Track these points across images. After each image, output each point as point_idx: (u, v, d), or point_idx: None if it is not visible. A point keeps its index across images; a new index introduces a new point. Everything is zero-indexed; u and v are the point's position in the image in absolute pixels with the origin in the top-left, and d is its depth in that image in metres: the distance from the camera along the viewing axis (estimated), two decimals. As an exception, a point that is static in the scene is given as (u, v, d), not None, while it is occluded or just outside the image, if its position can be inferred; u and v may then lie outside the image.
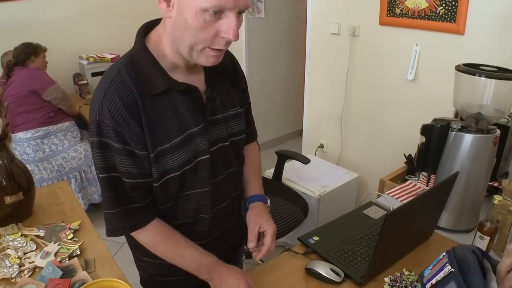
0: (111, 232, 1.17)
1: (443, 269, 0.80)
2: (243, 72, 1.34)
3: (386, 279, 0.94)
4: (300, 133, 4.87)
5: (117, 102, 1.02)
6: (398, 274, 0.94)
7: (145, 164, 1.08)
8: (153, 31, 1.10)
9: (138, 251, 1.33)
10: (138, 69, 1.06)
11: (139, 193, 1.12)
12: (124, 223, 1.14)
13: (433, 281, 0.80)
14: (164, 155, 1.09)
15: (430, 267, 0.84)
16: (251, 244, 1.24)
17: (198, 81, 1.15)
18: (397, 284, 0.91)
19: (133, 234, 1.18)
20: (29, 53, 3.17)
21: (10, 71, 3.13)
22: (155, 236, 1.17)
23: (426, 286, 0.81)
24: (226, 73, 1.25)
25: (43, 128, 3.18)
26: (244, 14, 1.02)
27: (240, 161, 1.36)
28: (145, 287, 1.42)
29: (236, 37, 0.97)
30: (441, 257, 0.83)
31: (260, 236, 1.28)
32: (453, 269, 0.78)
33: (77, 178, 3.28)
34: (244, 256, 2.61)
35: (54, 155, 3.21)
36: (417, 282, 0.92)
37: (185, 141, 1.11)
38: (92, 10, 4.02)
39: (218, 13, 0.94)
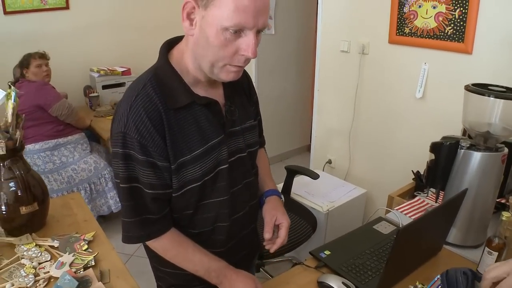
0: (127, 239, 1.20)
1: None
2: (254, 86, 1.40)
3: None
4: (307, 148, 4.90)
5: (143, 115, 1.06)
6: (411, 287, 0.96)
7: (166, 176, 1.12)
8: (176, 48, 1.15)
9: (158, 261, 1.35)
10: (162, 84, 1.10)
11: (158, 204, 1.16)
12: (141, 232, 1.17)
13: None
14: (185, 166, 1.13)
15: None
16: (267, 235, 1.29)
17: (218, 95, 1.19)
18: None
19: (149, 242, 1.22)
20: (18, 67, 3.20)
21: (16, 81, 3.17)
22: (166, 242, 1.20)
23: None
24: (242, 88, 1.30)
25: (53, 140, 3.21)
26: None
27: (255, 171, 1.40)
28: None
29: (255, 54, 1.02)
30: (435, 280, 0.86)
31: (275, 229, 1.32)
32: None
33: (87, 189, 3.29)
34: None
35: (64, 166, 3.23)
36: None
37: (207, 152, 1.15)
38: (103, 23, 4.06)
39: (238, 32, 0.99)
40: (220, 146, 1.18)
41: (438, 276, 0.86)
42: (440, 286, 0.83)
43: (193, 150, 1.13)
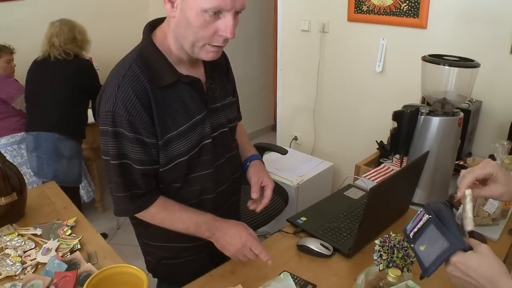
0: (118, 212, 1.26)
1: (422, 219, 0.93)
2: (231, 66, 1.46)
3: (377, 241, 1.05)
4: (272, 127, 4.96)
5: (131, 94, 1.11)
6: (387, 236, 1.06)
7: (153, 152, 1.17)
8: (158, 29, 1.20)
9: (146, 237, 1.41)
10: (148, 63, 1.15)
11: (146, 179, 1.21)
12: (131, 205, 1.23)
13: (415, 229, 0.93)
14: (172, 142, 1.18)
15: (411, 222, 0.96)
16: (254, 194, 1.35)
17: (199, 74, 1.25)
18: (387, 244, 1.03)
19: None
20: None
21: None
22: (152, 210, 1.25)
23: (410, 235, 0.93)
24: (220, 67, 1.36)
25: (18, 134, 3.13)
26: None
27: (236, 145, 1.47)
28: (154, 271, 1.49)
29: (233, 35, 1.09)
30: (419, 212, 0.96)
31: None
32: (430, 216, 0.91)
33: (57, 181, 3.25)
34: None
35: None
36: (403, 241, 1.04)
37: (191, 128, 1.21)
38: (60, 14, 3.94)
39: (217, 13, 1.05)
40: (204, 122, 1.24)
41: (421, 209, 0.95)
42: (426, 213, 0.92)
43: (179, 126, 1.19)
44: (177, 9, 1.08)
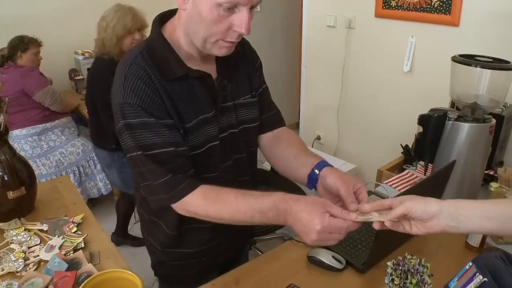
0: (156, 202, 1.14)
1: (473, 280, 0.79)
2: (255, 51, 1.36)
3: (389, 263, 0.96)
4: (296, 125, 4.88)
5: (139, 83, 1.05)
6: (401, 258, 0.96)
7: (176, 133, 1.09)
8: (169, 22, 1.14)
9: (150, 235, 1.36)
10: (155, 56, 1.09)
11: (181, 162, 1.10)
12: (169, 192, 1.09)
13: None
14: (185, 133, 1.12)
15: (456, 279, 0.83)
16: (353, 206, 1.03)
17: (210, 70, 1.17)
18: (400, 268, 0.94)
19: (182, 206, 1.11)
20: (15, 47, 3.11)
21: (1, 65, 3.10)
22: (201, 202, 1.09)
23: None
24: (239, 60, 1.25)
25: (40, 125, 3.18)
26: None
27: (251, 149, 1.34)
28: (155, 270, 1.45)
29: (248, 31, 1.01)
30: (467, 268, 0.82)
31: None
32: (485, 279, 0.77)
33: (76, 173, 3.28)
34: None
35: (52, 150, 3.22)
36: (419, 265, 0.94)
37: (198, 126, 1.13)
38: (88, 5, 4.01)
39: (232, 8, 0.98)
40: (211, 121, 1.16)
41: (470, 264, 0.81)
42: (478, 273, 0.78)
43: (185, 122, 1.12)
44: (189, 2, 1.01)
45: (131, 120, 1.05)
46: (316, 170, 1.17)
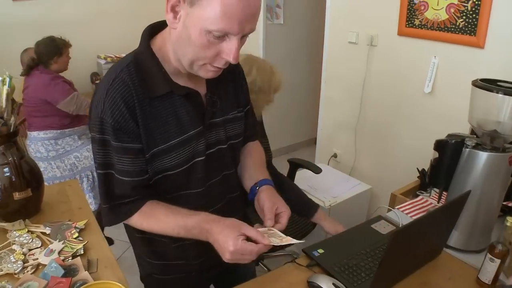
0: (106, 223, 1.21)
1: None
2: (242, 68, 1.37)
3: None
4: (314, 141, 4.85)
5: (118, 101, 1.05)
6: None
7: (142, 161, 1.11)
8: (159, 34, 1.13)
9: (137, 248, 1.39)
10: (141, 71, 1.09)
11: (130, 192, 1.15)
12: (113, 215, 1.18)
13: None
14: (159, 156, 1.12)
15: None
16: (269, 222, 1.17)
17: (200, 85, 1.17)
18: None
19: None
20: (52, 53, 3.09)
21: (29, 70, 3.06)
22: (137, 217, 1.18)
23: None
24: (228, 75, 1.25)
25: (58, 130, 3.18)
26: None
27: (236, 164, 1.38)
28: (144, 283, 1.46)
29: (236, 60, 1.00)
30: None
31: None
32: None
33: (89, 177, 3.29)
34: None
35: (67, 154, 3.21)
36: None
37: (183, 143, 1.13)
38: (111, 10, 4.09)
39: (222, 36, 0.97)
40: (198, 137, 1.16)
41: None
42: None
43: (169, 140, 1.12)
44: (179, 22, 0.99)
45: (103, 136, 1.08)
46: (257, 186, 1.30)
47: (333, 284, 1.25)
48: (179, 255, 1.32)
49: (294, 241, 1.14)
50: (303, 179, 2.85)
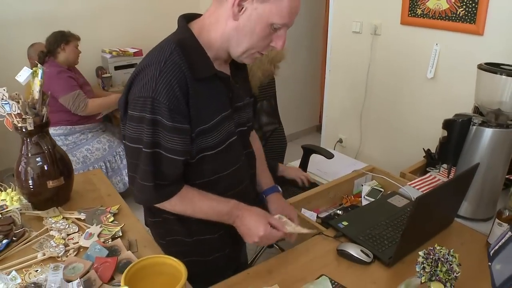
0: (142, 201, 1.28)
1: (505, 236, 0.89)
2: None
3: (421, 253, 1.02)
4: (317, 128, 4.91)
5: (173, 82, 1.10)
6: (431, 248, 1.03)
7: (188, 141, 1.17)
8: (195, 23, 1.21)
9: (161, 237, 1.46)
10: (188, 54, 1.15)
11: (175, 170, 1.21)
12: (155, 195, 1.22)
13: (496, 246, 0.89)
14: (203, 134, 1.19)
15: (496, 239, 0.92)
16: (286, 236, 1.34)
17: (227, 71, 1.27)
18: (431, 257, 1.00)
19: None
20: (59, 40, 3.11)
21: (41, 62, 3.07)
22: (174, 200, 1.25)
23: (490, 253, 0.90)
24: (241, 64, 1.34)
25: (67, 127, 3.21)
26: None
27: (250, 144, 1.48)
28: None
29: (283, 47, 1.16)
30: (505, 229, 0.92)
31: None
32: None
33: (102, 168, 3.32)
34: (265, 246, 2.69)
35: (77, 148, 3.26)
36: (449, 255, 1.01)
37: (221, 122, 1.22)
38: (116, 5, 4.08)
39: (279, 28, 1.11)
40: (230, 119, 1.26)
41: (508, 226, 0.92)
42: (510, 232, 0.89)
43: (212, 119, 1.20)
44: (244, 15, 1.09)
45: (155, 116, 1.11)
46: (263, 195, 1.51)
47: (361, 250, 1.35)
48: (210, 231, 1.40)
49: (305, 230, 1.33)
50: (312, 163, 2.91)
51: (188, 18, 1.23)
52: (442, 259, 1.00)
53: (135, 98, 1.13)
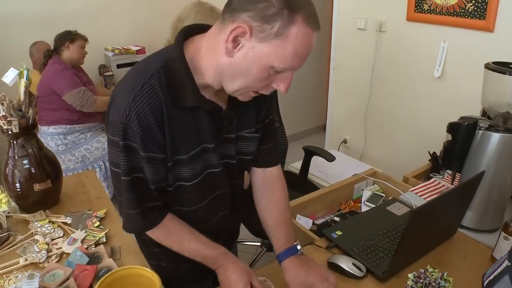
0: (130, 230, 1.25)
1: (501, 265, 0.81)
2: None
3: (410, 275, 0.94)
4: (323, 128, 4.87)
5: (146, 110, 1.01)
6: (422, 271, 0.94)
7: (164, 169, 1.11)
8: (192, 41, 1.08)
9: (148, 257, 1.41)
10: (172, 79, 1.04)
11: (158, 193, 1.15)
12: (144, 221, 1.17)
13: (491, 276, 0.81)
14: (180, 165, 1.11)
15: (492, 267, 0.84)
16: None
17: (222, 100, 1.14)
18: (421, 281, 0.92)
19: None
20: (64, 39, 3.13)
21: (46, 60, 3.12)
22: (160, 232, 1.20)
23: (484, 283, 0.82)
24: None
25: (68, 125, 3.20)
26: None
27: (243, 172, 1.37)
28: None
29: (287, 91, 1.02)
30: (502, 256, 0.84)
31: None
32: (509, 263, 0.78)
33: (102, 167, 3.33)
34: (265, 248, 2.64)
35: (76, 147, 3.25)
36: (441, 280, 0.92)
37: (200, 154, 1.13)
38: (119, 3, 4.08)
39: (282, 71, 0.97)
40: (211, 151, 1.15)
41: (506, 252, 0.83)
42: (507, 260, 0.80)
43: (190, 149, 1.11)
44: (239, 52, 0.96)
45: (127, 143, 1.04)
46: (281, 256, 1.27)
47: (353, 264, 1.28)
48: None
49: None
50: (314, 165, 2.86)
51: (192, 31, 1.10)
52: (434, 284, 0.91)
53: (111, 122, 1.05)
